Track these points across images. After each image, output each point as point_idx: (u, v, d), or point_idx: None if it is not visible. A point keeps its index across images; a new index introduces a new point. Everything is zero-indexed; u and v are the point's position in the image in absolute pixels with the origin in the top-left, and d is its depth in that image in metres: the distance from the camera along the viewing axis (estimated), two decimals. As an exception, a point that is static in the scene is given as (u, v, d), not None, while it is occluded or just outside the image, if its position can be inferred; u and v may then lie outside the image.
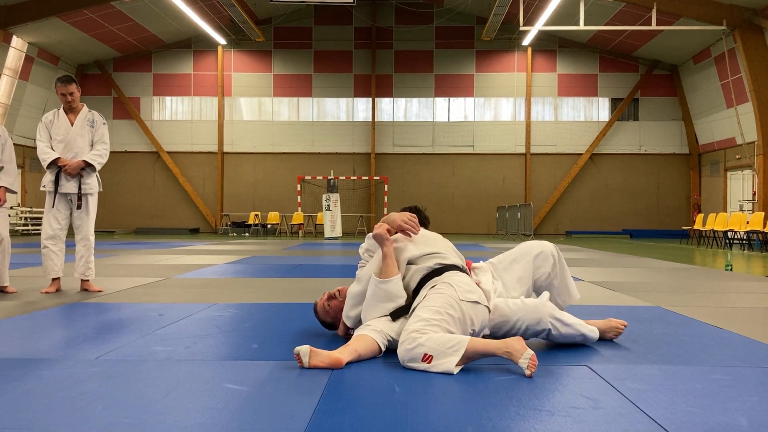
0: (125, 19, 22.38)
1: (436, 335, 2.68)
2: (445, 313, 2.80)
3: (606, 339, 3.36)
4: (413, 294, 3.08)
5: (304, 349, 2.70)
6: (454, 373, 2.60)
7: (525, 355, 2.60)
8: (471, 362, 2.70)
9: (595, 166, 25.86)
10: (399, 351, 2.73)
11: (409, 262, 3.15)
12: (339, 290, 3.45)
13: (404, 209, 3.58)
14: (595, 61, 25.74)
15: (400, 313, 3.03)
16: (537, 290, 3.49)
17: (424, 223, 3.57)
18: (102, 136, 5.62)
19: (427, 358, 2.64)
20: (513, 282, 3.39)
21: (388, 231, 3.17)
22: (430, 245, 3.23)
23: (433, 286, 2.98)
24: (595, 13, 20.85)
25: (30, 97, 22.90)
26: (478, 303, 2.95)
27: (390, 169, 25.79)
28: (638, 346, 3.27)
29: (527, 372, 2.59)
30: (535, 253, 3.44)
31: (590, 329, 3.24)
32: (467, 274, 3.19)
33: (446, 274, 3.04)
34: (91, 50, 24.49)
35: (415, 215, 3.29)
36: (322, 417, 2.08)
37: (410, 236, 3.23)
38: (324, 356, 2.71)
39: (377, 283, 3.03)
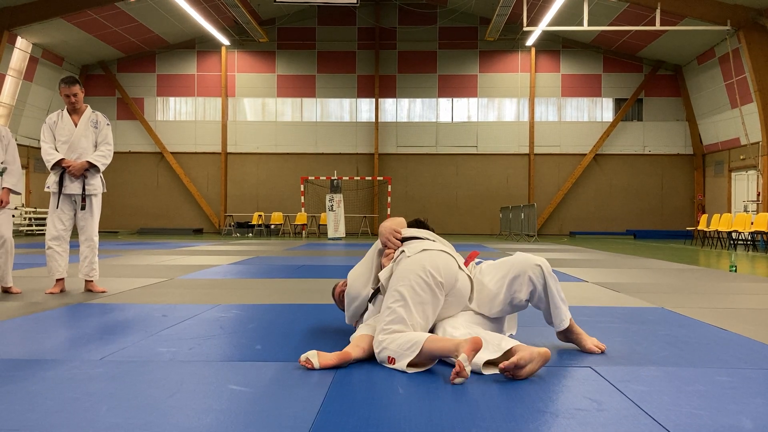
0: (129, 20, 22.43)
1: (400, 337, 2.72)
2: (412, 292, 2.82)
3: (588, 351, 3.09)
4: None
5: (311, 354, 2.75)
6: (408, 372, 2.64)
7: (461, 358, 2.45)
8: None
9: (599, 167, 25.81)
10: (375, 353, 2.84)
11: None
12: None
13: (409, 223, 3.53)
14: (599, 62, 25.69)
15: (374, 294, 3.17)
16: (517, 309, 3.09)
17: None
18: (106, 136, 5.63)
19: (390, 360, 2.73)
20: (489, 296, 3.03)
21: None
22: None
23: (396, 260, 3.01)
24: (599, 13, 20.82)
25: (34, 98, 22.96)
26: (437, 251, 2.98)
27: (393, 170, 25.79)
28: (642, 347, 3.27)
29: (452, 376, 2.47)
30: (511, 276, 2.97)
31: (566, 310, 3.05)
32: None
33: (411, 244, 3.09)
34: (95, 51, 24.55)
35: (399, 232, 3.20)
36: (326, 418, 2.09)
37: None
38: (332, 355, 2.77)
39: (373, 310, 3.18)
